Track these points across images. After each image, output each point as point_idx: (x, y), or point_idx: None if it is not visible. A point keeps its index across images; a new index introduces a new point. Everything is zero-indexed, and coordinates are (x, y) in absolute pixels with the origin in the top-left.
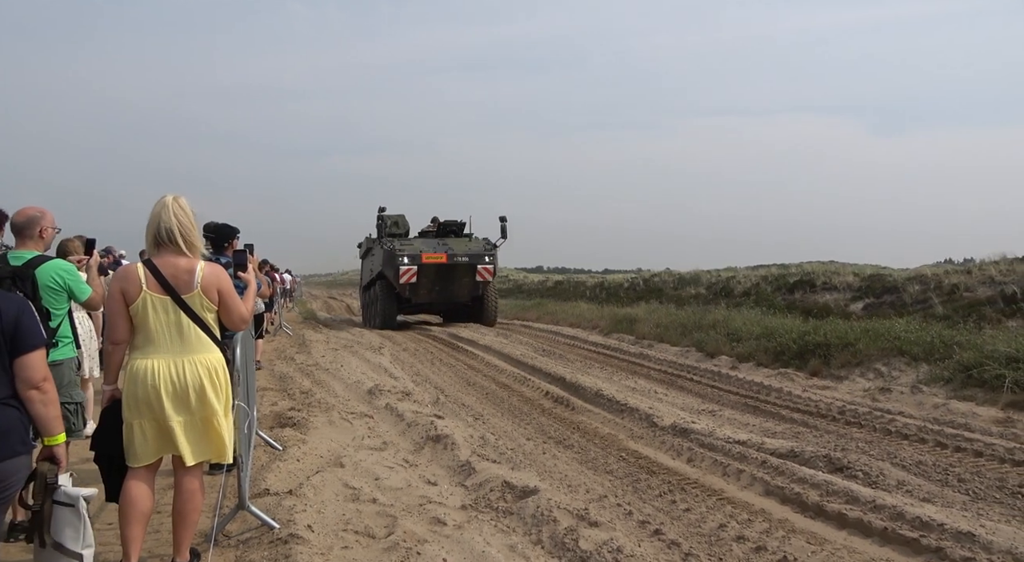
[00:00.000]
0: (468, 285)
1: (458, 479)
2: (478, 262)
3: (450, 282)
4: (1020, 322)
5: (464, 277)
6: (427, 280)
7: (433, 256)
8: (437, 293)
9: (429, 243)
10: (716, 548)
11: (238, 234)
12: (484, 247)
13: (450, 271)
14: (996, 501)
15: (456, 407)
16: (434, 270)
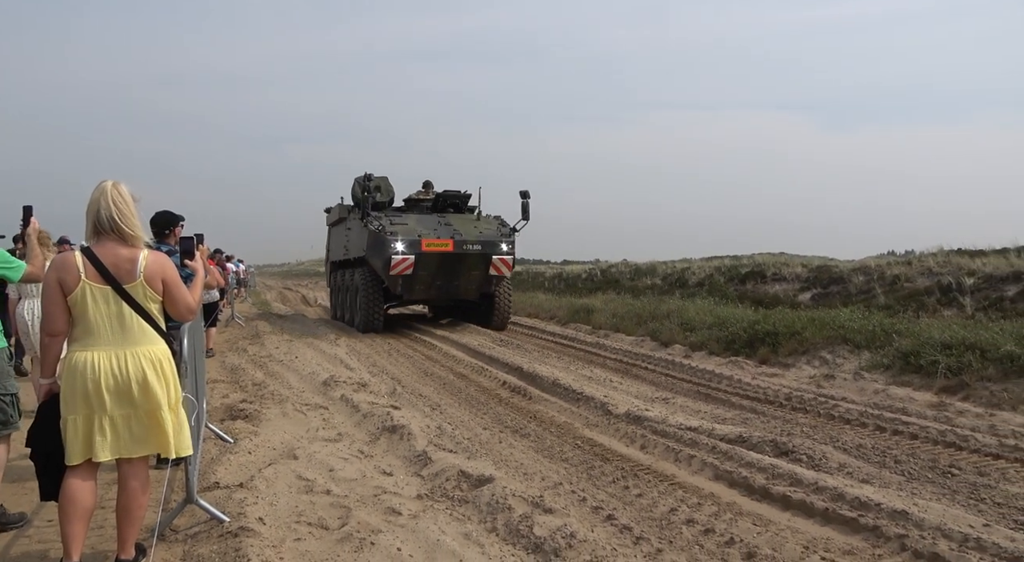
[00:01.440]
0: (478, 280)
1: (414, 469)
2: (493, 251)
3: (455, 276)
4: (955, 311)
5: (474, 270)
6: (426, 273)
7: (436, 243)
8: (437, 289)
9: (427, 222)
10: (667, 531)
11: (182, 221)
12: (500, 231)
13: (457, 262)
14: (928, 481)
15: (413, 398)
16: (436, 261)
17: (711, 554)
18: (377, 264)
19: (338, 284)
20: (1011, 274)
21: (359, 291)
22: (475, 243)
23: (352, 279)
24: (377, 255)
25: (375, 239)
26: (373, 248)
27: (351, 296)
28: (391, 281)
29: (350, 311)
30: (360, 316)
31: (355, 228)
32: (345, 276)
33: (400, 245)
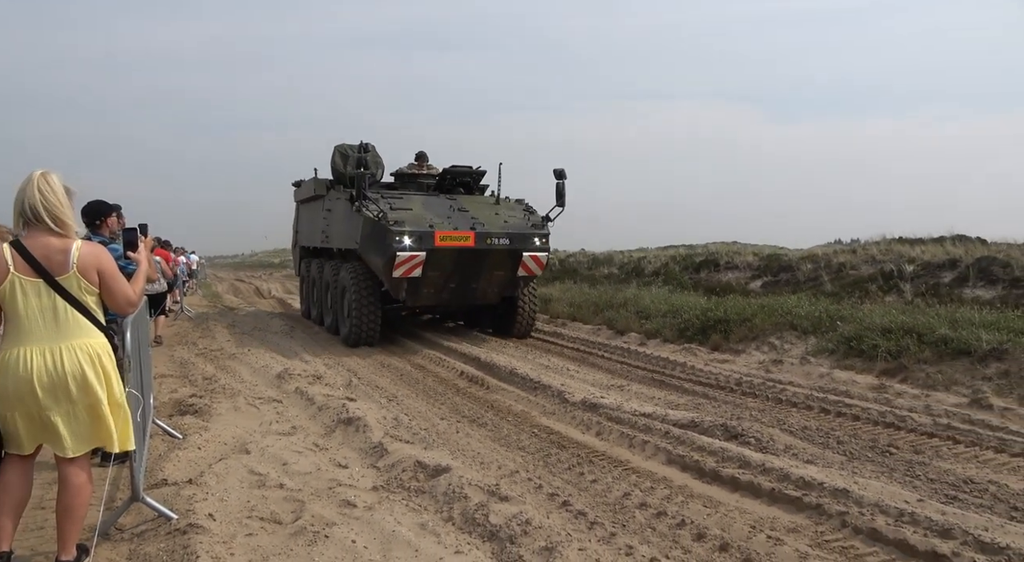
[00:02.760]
0: (502, 282)
1: (370, 461)
2: (524, 247)
3: (474, 277)
4: (896, 297)
5: (498, 270)
6: (438, 274)
7: (453, 236)
8: (450, 293)
9: (436, 207)
10: (620, 515)
11: (115, 211)
12: (529, 220)
13: (478, 260)
14: (868, 460)
15: (369, 389)
16: (452, 259)
17: (663, 536)
18: (375, 261)
19: (313, 276)
20: (947, 261)
21: (347, 293)
22: (502, 236)
23: (336, 276)
24: (375, 250)
25: (373, 230)
26: (371, 241)
27: (333, 297)
28: (392, 283)
29: (332, 314)
30: (349, 326)
31: (339, 211)
32: (324, 270)
33: (407, 239)
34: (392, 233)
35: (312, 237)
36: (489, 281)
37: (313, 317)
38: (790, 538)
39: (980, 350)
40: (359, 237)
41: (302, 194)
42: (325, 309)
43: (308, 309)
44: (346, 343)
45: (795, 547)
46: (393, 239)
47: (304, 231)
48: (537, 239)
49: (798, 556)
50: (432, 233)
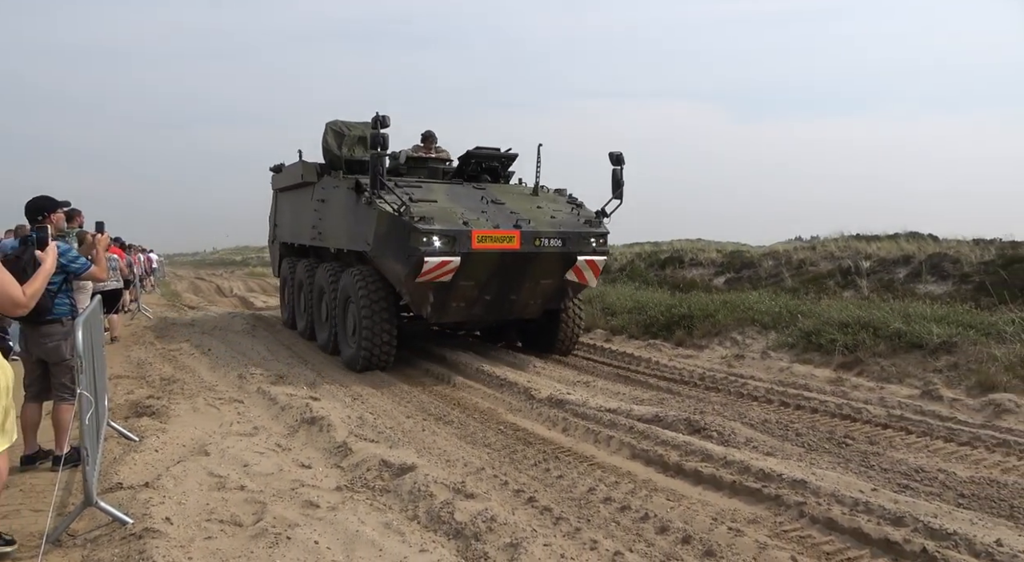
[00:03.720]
0: (548, 293)
1: (334, 461)
2: (580, 250)
3: (516, 287)
4: (853, 292)
5: (546, 278)
6: (471, 283)
7: (494, 236)
8: (484, 307)
9: (463, 198)
10: (585, 511)
11: (59, 208)
12: (580, 215)
13: (523, 266)
14: (826, 451)
15: (333, 388)
16: (491, 264)
17: (627, 530)
18: (393, 267)
19: (299, 280)
20: (901, 257)
21: (352, 305)
22: (553, 236)
23: (335, 283)
24: (394, 253)
25: (392, 227)
26: (387, 242)
27: (329, 307)
28: (414, 295)
29: (327, 329)
30: (357, 347)
31: (339, 203)
32: (315, 273)
33: (438, 240)
34: (419, 232)
35: (298, 233)
36: (533, 292)
37: (301, 329)
38: (750, 529)
39: (931, 343)
40: (371, 236)
41: (283, 181)
42: (318, 322)
43: (292, 318)
44: (350, 367)
45: (755, 538)
46: (419, 240)
47: (286, 225)
48: (594, 240)
49: (757, 546)
50: (468, 232)
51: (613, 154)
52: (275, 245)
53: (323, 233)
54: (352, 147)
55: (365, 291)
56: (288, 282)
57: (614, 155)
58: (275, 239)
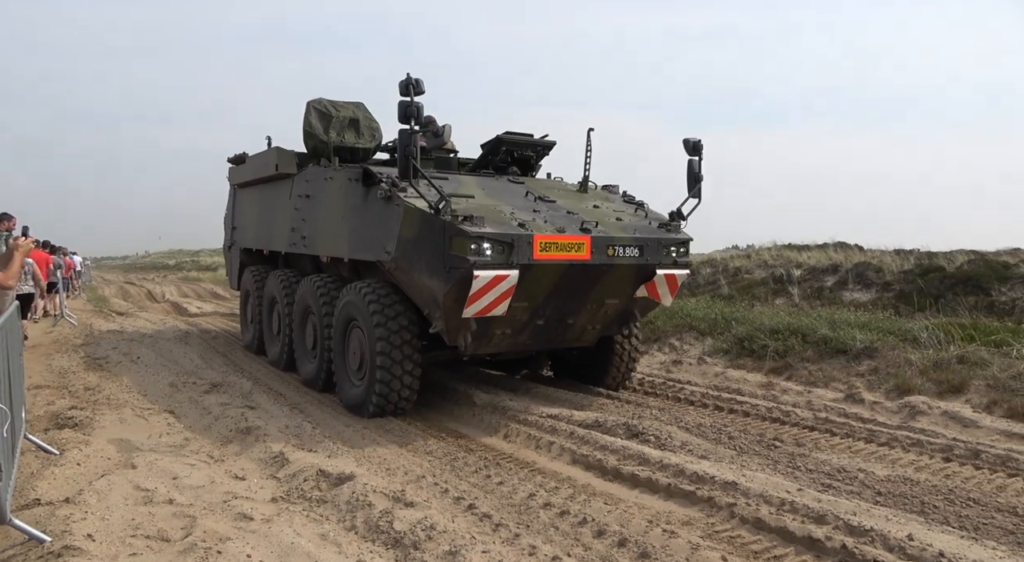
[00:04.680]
0: (612, 315)
1: (270, 471)
2: (658, 261)
3: (576, 308)
4: (785, 299)
5: (613, 296)
6: (525, 304)
7: (560, 242)
8: (534, 334)
9: (505, 194)
10: (525, 516)
11: None
12: (651, 218)
13: (590, 282)
14: (756, 453)
15: (271, 397)
16: (554, 279)
17: (565, 535)
18: (424, 283)
19: (270, 296)
20: (830, 266)
21: (361, 331)
22: (629, 244)
23: (327, 303)
24: (428, 265)
25: (424, 230)
26: (419, 249)
27: (320, 334)
28: (451, 319)
29: (316, 361)
30: (369, 387)
31: (332, 198)
32: (297, 289)
33: (489, 247)
34: (466, 237)
35: (268, 236)
36: (594, 315)
37: (273, 357)
38: (684, 530)
39: (855, 349)
40: (392, 242)
41: (246, 173)
42: (300, 349)
43: (258, 341)
44: (355, 412)
45: (688, 539)
46: (466, 247)
47: (250, 227)
48: (674, 249)
49: (690, 547)
50: (528, 237)
51: (689, 141)
52: (233, 251)
53: (309, 237)
54: (342, 131)
55: (381, 316)
56: (253, 297)
57: (691, 143)
58: (233, 244)
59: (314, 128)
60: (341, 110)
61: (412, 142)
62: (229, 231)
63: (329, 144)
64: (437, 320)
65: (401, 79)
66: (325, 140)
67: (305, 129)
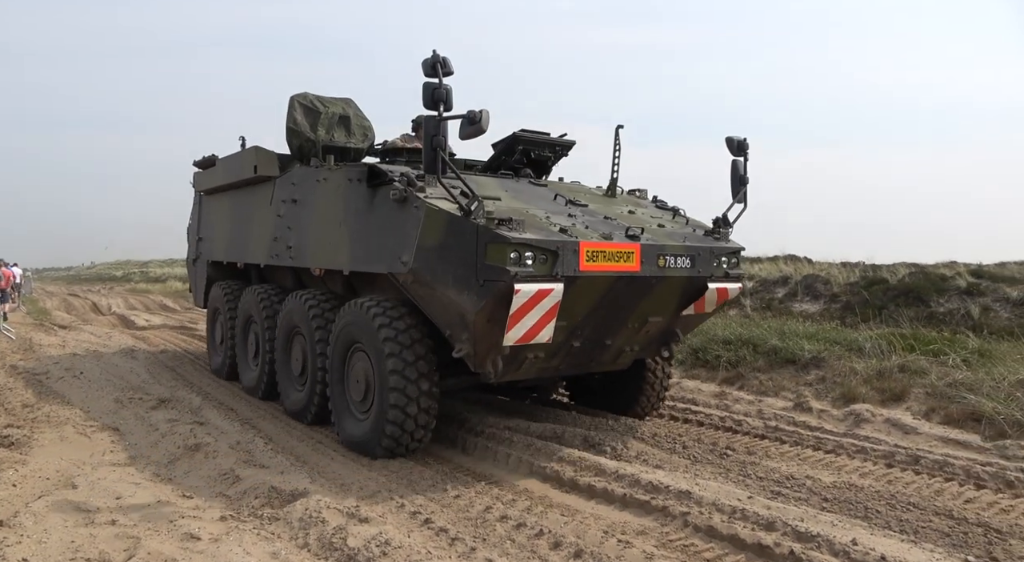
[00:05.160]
0: (652, 336)
1: (219, 489)
2: (710, 273)
3: (616, 327)
4: (738, 311)
5: (658, 314)
6: (565, 324)
7: (608, 251)
8: (567, 357)
9: (531, 196)
10: (481, 530)
11: None
12: (687, 223)
13: (636, 297)
14: (709, 462)
15: (222, 412)
16: (599, 294)
17: (521, 547)
18: (450, 299)
19: (246, 314)
20: (780, 278)
21: (368, 355)
22: (681, 253)
23: (320, 325)
24: (456, 277)
25: (455, 235)
26: (444, 258)
27: (312, 359)
28: (481, 342)
29: (305, 390)
30: (378, 421)
31: (327, 202)
32: (282, 307)
33: (530, 256)
34: (505, 243)
35: (244, 248)
36: (634, 335)
37: (249, 384)
38: (638, 540)
39: (803, 359)
40: (410, 251)
41: (216, 178)
42: (285, 378)
43: (228, 365)
44: (367, 452)
45: (642, 549)
46: (504, 256)
47: (220, 238)
48: (725, 259)
49: (644, 557)
50: (574, 245)
51: (734, 141)
52: (199, 265)
53: (296, 248)
54: (331, 128)
55: (394, 343)
56: (223, 316)
57: (735, 142)
58: (199, 257)
59: (299, 125)
60: (329, 106)
61: (441, 131)
62: (194, 242)
63: (317, 143)
64: (463, 343)
65: (426, 57)
66: (313, 138)
67: (289, 126)
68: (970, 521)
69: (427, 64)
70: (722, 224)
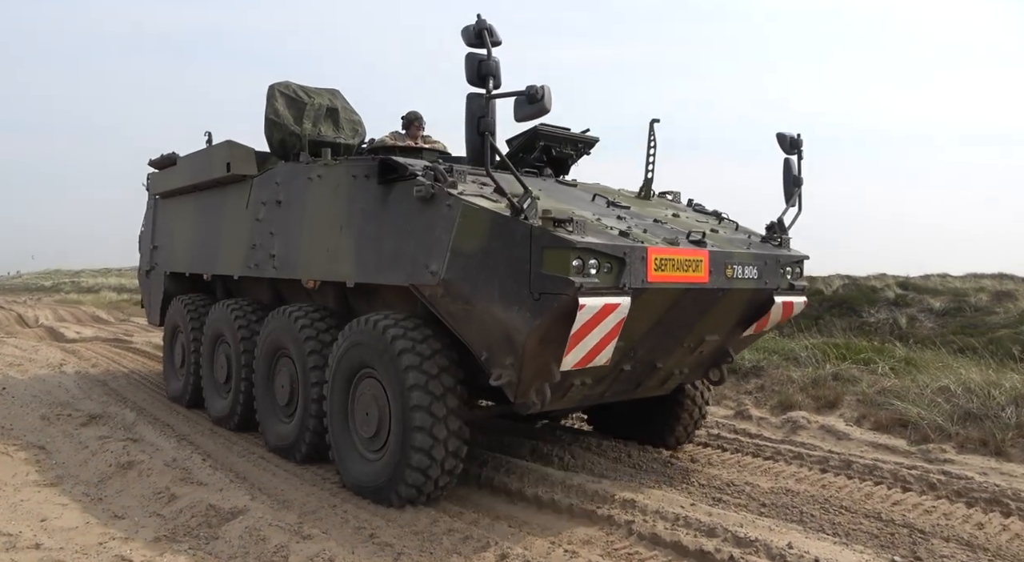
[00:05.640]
0: (704, 358)
1: (153, 509)
2: (777, 286)
3: (671, 347)
4: None
5: (714, 332)
6: (623, 343)
7: (677, 259)
8: (614, 383)
9: (570, 196)
10: (427, 544)
11: None
12: (735, 228)
13: (697, 312)
14: (653, 471)
15: (157, 429)
16: (663, 310)
17: (467, 559)
18: (503, 319)
19: (215, 332)
20: None
21: (384, 383)
22: (748, 262)
23: (313, 350)
24: (505, 292)
25: (503, 238)
26: (488, 266)
27: (306, 387)
28: (527, 368)
29: (297, 421)
30: (400, 461)
31: (323, 203)
32: (255, 324)
33: (594, 265)
34: (570, 249)
35: (212, 257)
36: (686, 357)
37: (219, 413)
38: (584, 550)
39: (743, 368)
40: (440, 258)
41: (175, 179)
42: (269, 408)
43: (191, 390)
44: (380, 499)
45: (588, 558)
46: (568, 263)
47: (179, 246)
48: (789, 269)
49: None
50: (642, 251)
51: (786, 137)
52: (154, 277)
53: (282, 257)
54: (318, 121)
55: (420, 372)
56: (185, 335)
57: (787, 138)
58: (153, 268)
59: (282, 117)
60: (315, 97)
61: (489, 112)
62: (147, 252)
63: (303, 137)
64: (505, 369)
65: (467, 24)
66: (297, 132)
67: (269, 118)
68: (897, 522)
69: (470, 32)
70: (778, 230)
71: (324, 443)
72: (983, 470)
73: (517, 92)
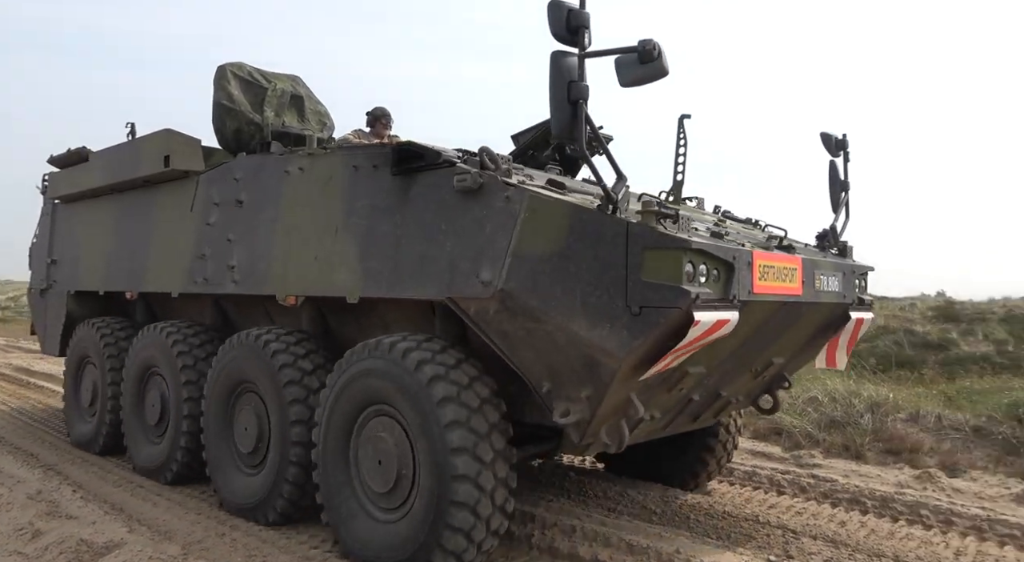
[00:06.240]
0: (763, 383)
1: (14, 547)
2: (853, 301)
3: (739, 371)
4: None
5: (781, 354)
6: (703, 370)
7: (778, 266)
8: (682, 413)
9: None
10: None
11: None
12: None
13: (776, 332)
14: (552, 484)
15: (19, 459)
16: (756, 326)
17: None
18: (587, 339)
19: (140, 363)
20: None
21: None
22: (831, 272)
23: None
24: (588, 305)
25: (589, 238)
26: (565, 275)
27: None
28: (607, 402)
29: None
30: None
31: (311, 201)
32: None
33: (704, 271)
34: (682, 251)
35: (141, 272)
36: (750, 381)
37: (144, 462)
38: None
39: None
40: (496, 264)
41: (87, 179)
42: (228, 458)
43: (105, 434)
44: None
45: None
46: (679, 269)
47: (90, 259)
48: (858, 282)
49: None
50: (748, 256)
51: (831, 137)
52: (51, 297)
53: (246, 268)
54: (281, 110)
55: (458, 405)
56: (100, 368)
57: (832, 139)
58: (50, 287)
59: (238, 103)
60: (275, 82)
61: (581, 75)
62: (43, 268)
63: (264, 127)
64: (576, 402)
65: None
66: (258, 121)
67: (222, 104)
68: (772, 524)
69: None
70: (831, 238)
71: (305, 501)
72: (845, 472)
73: (622, 49)
